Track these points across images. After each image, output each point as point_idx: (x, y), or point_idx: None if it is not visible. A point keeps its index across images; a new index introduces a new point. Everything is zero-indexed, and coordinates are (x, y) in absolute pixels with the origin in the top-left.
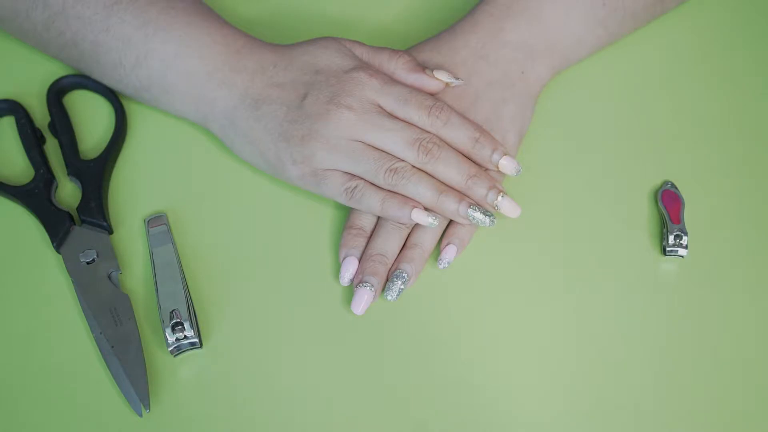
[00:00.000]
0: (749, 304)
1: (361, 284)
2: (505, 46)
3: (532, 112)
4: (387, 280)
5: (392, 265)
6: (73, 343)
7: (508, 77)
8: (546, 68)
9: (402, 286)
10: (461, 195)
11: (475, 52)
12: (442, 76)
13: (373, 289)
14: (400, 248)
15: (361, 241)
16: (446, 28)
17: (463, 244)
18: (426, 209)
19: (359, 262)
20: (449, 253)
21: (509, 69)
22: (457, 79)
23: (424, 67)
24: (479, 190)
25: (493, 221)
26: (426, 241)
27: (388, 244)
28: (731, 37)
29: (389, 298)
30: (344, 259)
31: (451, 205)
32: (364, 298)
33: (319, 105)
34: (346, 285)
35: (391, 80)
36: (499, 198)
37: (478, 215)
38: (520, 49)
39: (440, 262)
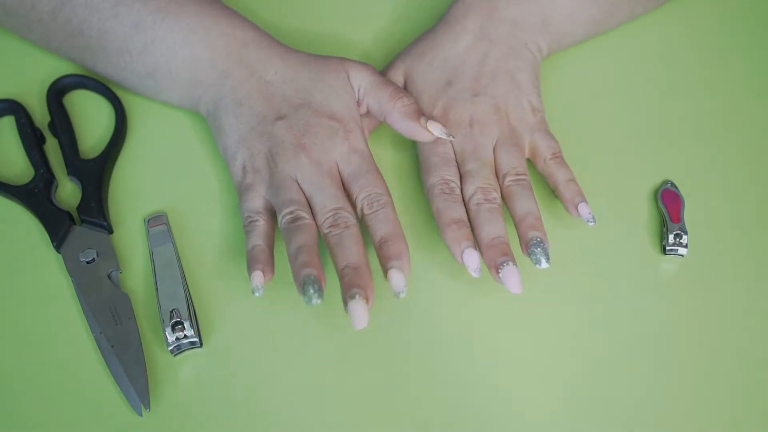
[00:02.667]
0: (749, 304)
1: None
2: (503, 23)
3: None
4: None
5: (523, 234)
6: (73, 342)
7: (514, 49)
8: (544, 42)
9: (545, 250)
10: (319, 276)
11: (476, 34)
12: (435, 129)
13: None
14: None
15: (467, 233)
16: (437, 21)
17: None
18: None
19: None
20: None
21: (513, 42)
22: (450, 135)
23: (420, 115)
24: (344, 281)
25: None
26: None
27: (495, 230)
28: (731, 35)
29: (546, 265)
30: (464, 251)
31: (297, 279)
32: (516, 274)
33: (287, 134)
34: (477, 274)
35: (361, 150)
36: (356, 298)
37: (311, 295)
38: (517, 24)
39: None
